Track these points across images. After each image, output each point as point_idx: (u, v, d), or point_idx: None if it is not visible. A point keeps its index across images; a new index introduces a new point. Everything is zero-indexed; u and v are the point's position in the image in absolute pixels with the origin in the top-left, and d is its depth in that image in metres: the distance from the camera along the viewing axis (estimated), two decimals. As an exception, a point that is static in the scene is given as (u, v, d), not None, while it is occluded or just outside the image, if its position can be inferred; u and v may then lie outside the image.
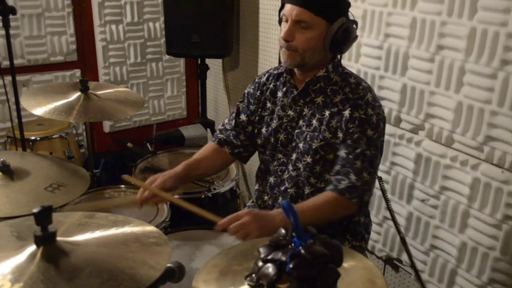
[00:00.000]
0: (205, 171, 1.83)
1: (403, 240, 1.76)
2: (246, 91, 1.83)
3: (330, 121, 1.58)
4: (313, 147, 1.60)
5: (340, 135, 1.56)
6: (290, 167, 1.68)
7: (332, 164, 1.59)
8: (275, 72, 1.76)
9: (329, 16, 1.52)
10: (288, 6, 1.54)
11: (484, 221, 1.78)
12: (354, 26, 1.58)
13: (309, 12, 1.50)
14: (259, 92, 1.77)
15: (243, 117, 1.80)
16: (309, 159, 1.62)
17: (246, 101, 1.81)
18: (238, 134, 1.80)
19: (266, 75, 1.79)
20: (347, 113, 1.55)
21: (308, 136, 1.62)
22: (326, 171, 1.62)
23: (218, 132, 1.85)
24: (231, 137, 1.80)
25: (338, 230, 1.70)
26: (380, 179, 1.75)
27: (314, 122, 1.62)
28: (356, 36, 1.60)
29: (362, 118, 1.54)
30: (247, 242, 1.32)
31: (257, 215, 1.44)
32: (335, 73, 1.62)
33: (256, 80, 1.81)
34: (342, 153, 1.56)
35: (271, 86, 1.75)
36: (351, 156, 1.54)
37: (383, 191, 1.74)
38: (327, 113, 1.59)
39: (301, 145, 1.64)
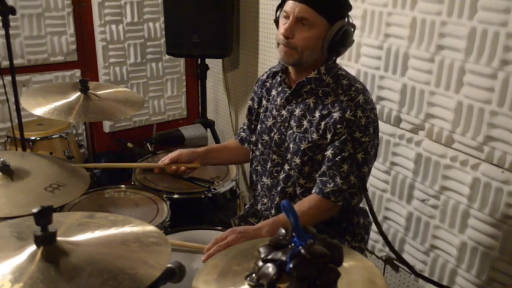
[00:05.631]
0: (223, 161, 2.03)
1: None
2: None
3: (320, 123, 1.57)
4: (302, 148, 1.60)
5: (328, 136, 1.55)
6: (286, 167, 1.68)
7: (321, 165, 1.59)
8: (274, 70, 1.77)
9: (331, 16, 1.52)
10: (290, 3, 1.53)
11: (483, 221, 1.78)
12: (353, 29, 1.58)
13: (312, 9, 1.49)
14: (260, 89, 1.81)
15: (251, 116, 1.88)
16: (298, 160, 1.62)
17: (252, 99, 1.87)
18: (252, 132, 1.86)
19: (267, 72, 1.82)
20: (336, 114, 1.54)
21: (297, 137, 1.62)
22: (315, 171, 1.62)
23: (240, 130, 1.96)
24: (249, 136, 1.90)
25: (337, 231, 1.69)
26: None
27: (305, 123, 1.61)
28: (353, 41, 1.60)
29: (350, 119, 1.52)
30: (247, 242, 1.32)
31: (241, 231, 1.45)
32: (328, 75, 1.60)
33: (260, 78, 1.85)
34: (329, 153, 1.55)
35: (268, 84, 1.78)
36: (337, 159, 1.53)
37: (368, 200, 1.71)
38: (317, 114, 1.58)
39: (291, 146, 1.64)
